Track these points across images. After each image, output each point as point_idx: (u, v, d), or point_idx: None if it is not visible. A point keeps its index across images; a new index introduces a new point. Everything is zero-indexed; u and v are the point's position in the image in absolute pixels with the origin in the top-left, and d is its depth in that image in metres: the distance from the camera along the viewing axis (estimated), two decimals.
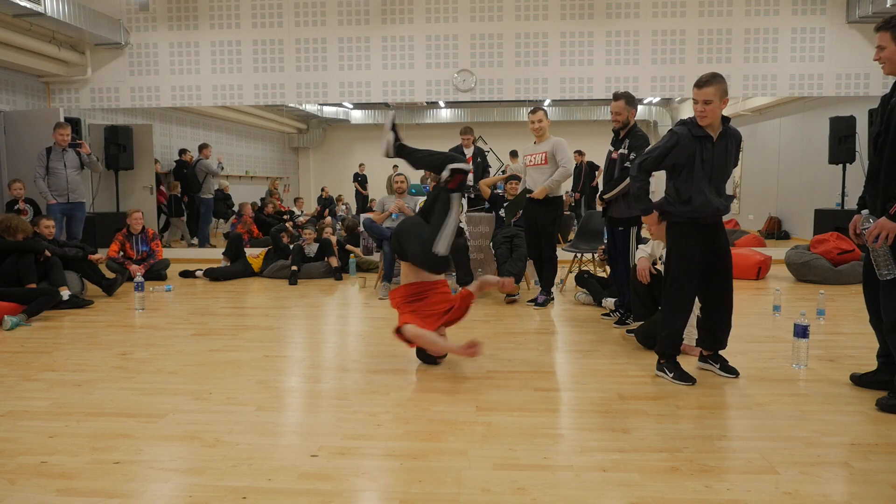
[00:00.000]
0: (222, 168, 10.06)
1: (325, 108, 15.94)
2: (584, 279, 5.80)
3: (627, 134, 4.72)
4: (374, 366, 3.87)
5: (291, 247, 7.53)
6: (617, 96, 4.70)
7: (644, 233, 4.67)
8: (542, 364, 3.95)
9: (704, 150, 3.35)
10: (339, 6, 8.46)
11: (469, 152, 7.21)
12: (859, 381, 3.39)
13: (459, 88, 8.47)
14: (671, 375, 3.50)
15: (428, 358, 3.84)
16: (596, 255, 5.83)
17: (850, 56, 8.05)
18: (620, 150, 4.73)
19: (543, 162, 5.42)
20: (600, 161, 12.10)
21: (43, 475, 2.41)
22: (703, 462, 2.48)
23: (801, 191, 9.97)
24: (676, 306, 3.50)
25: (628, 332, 4.60)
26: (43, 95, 8.74)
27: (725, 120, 3.43)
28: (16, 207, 6.54)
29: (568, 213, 9.20)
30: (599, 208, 5.09)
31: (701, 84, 3.31)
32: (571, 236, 6.54)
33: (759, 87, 8.33)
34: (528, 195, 5.44)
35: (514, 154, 10.69)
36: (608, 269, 5.95)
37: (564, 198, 5.99)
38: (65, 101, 8.76)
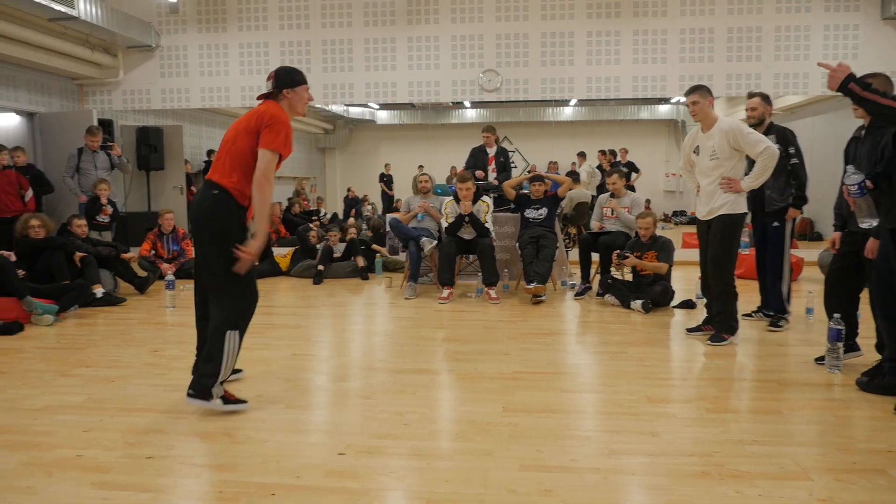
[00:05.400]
0: None
1: (351, 109, 16.04)
2: (609, 284, 5.74)
3: (769, 131, 4.68)
4: (400, 365, 3.88)
5: (319, 247, 7.59)
6: (752, 94, 4.79)
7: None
8: (569, 365, 3.92)
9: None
10: (364, 7, 8.50)
11: (491, 151, 7.18)
12: (867, 386, 3.32)
13: (485, 88, 8.46)
14: None
15: None
16: (613, 260, 5.74)
17: (885, 53, 7.86)
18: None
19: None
20: (639, 162, 12.05)
21: (78, 468, 2.46)
22: (733, 467, 2.44)
23: (833, 191, 9.73)
24: None
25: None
26: (77, 97, 8.93)
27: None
28: (98, 205, 6.82)
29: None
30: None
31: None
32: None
33: (791, 86, 8.18)
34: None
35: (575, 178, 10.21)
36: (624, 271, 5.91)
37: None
38: (98, 103, 8.94)
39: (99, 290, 5.77)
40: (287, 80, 3.10)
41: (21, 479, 2.38)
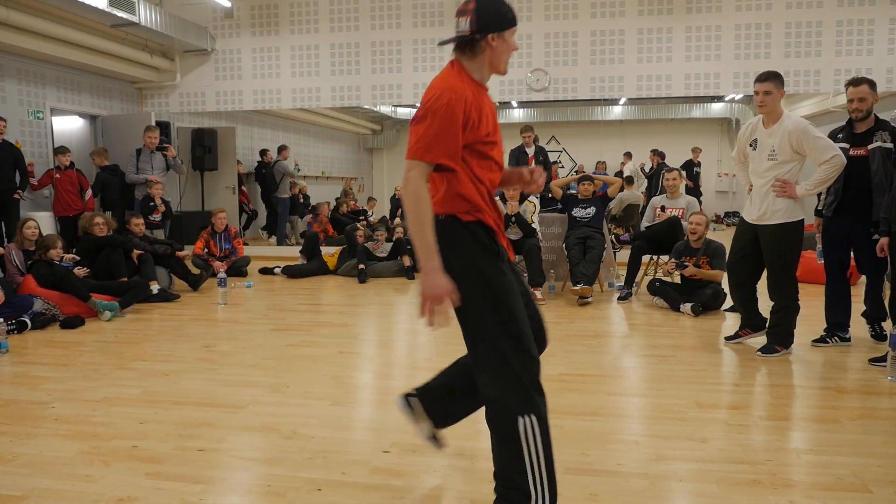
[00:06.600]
0: (298, 170, 10.38)
1: (399, 110, 16.14)
2: (657, 287, 5.62)
3: (879, 126, 4.11)
4: (445, 364, 3.87)
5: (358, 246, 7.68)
6: (858, 81, 4.12)
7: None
8: (616, 368, 3.87)
9: None
10: (413, 8, 8.55)
11: (530, 151, 7.14)
12: None
13: (533, 88, 8.41)
14: None
15: None
16: (668, 270, 5.60)
17: None
18: (877, 144, 4.05)
19: (681, 215, 6.10)
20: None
21: (134, 458, 2.55)
22: (787, 476, 2.36)
23: None
24: None
25: None
26: (136, 100, 9.26)
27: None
28: (151, 204, 7.13)
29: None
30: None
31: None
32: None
33: None
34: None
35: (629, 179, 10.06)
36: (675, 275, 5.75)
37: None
38: (156, 106, 9.25)
39: (155, 287, 5.97)
40: (495, 16, 2.02)
41: (80, 467, 2.49)
